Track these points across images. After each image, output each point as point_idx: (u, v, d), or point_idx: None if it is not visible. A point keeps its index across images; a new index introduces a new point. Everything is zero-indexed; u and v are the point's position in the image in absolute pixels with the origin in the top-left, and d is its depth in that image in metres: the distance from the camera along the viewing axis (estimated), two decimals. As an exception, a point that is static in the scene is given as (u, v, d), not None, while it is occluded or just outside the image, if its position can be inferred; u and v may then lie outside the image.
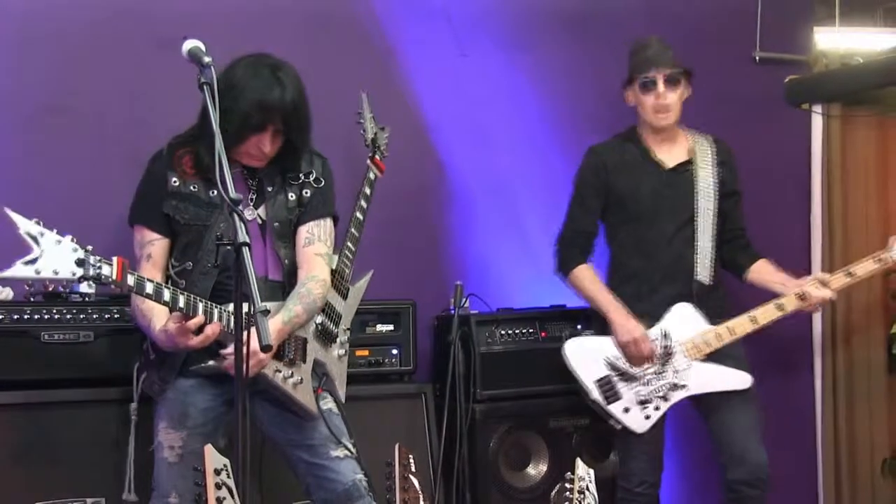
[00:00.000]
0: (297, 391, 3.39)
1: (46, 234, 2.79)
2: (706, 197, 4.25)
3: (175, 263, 3.38)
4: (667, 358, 4.16)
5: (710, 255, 4.23)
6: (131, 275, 2.95)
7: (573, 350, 4.23)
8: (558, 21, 4.96)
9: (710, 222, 4.25)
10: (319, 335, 3.53)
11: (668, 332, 4.16)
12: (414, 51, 4.60)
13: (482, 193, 4.85)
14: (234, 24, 4.20)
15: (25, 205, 3.88)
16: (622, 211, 4.28)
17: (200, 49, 2.94)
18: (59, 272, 2.79)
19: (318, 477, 3.45)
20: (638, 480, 4.20)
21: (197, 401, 3.34)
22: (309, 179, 3.49)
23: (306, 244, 3.48)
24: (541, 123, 4.92)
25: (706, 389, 4.15)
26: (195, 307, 3.11)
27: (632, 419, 4.15)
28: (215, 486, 2.80)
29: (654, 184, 4.25)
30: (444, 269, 4.72)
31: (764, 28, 5.22)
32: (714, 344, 4.16)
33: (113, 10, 4.16)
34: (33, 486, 3.59)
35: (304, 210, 3.49)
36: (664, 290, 4.20)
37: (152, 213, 3.38)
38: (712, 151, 4.33)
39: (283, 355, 3.36)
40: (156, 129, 3.60)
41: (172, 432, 3.34)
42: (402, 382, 4.34)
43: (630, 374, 4.16)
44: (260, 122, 3.26)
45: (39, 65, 4.06)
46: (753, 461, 4.06)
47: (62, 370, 3.68)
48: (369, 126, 4.11)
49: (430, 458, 4.22)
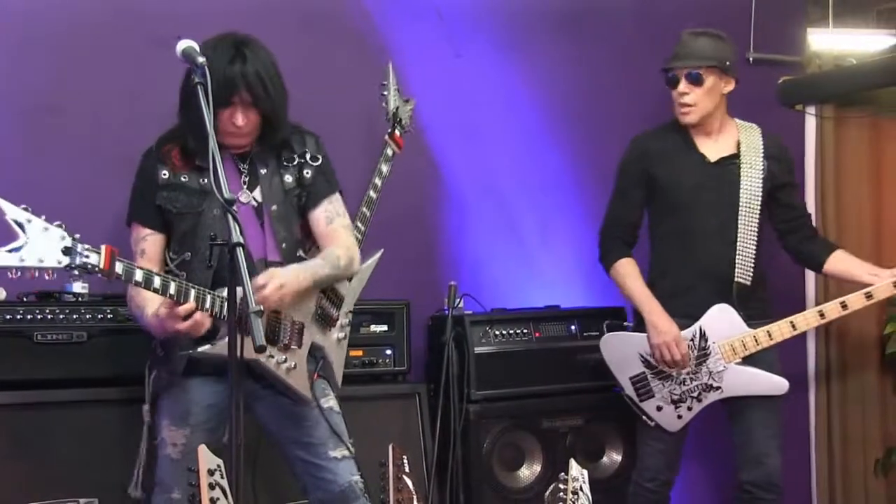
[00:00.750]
0: (290, 376, 3.38)
1: (34, 221, 2.77)
2: (751, 193, 4.15)
3: (173, 256, 3.38)
4: (702, 358, 4.10)
5: (751, 254, 4.12)
6: (120, 262, 2.92)
7: (610, 345, 4.22)
8: (552, 21, 4.96)
9: (753, 220, 4.14)
10: (318, 318, 3.51)
11: (706, 332, 4.10)
12: (408, 50, 4.60)
13: (476, 193, 4.85)
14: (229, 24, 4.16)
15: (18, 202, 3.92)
16: (663, 201, 4.20)
17: (194, 49, 2.96)
18: (44, 260, 2.77)
19: (315, 477, 3.45)
20: (650, 476, 4.20)
21: (200, 398, 3.33)
22: (305, 159, 3.48)
23: (328, 223, 3.48)
24: (535, 123, 4.92)
25: (740, 392, 4.10)
26: (186, 294, 3.08)
27: (664, 417, 4.15)
28: (209, 487, 2.80)
29: (696, 176, 4.16)
30: (439, 269, 4.72)
31: (757, 29, 5.22)
32: (751, 347, 4.09)
33: (109, 9, 4.16)
34: (26, 486, 3.58)
35: (312, 192, 3.47)
36: (701, 287, 4.12)
37: (145, 209, 3.38)
38: (761, 144, 4.21)
39: (278, 340, 3.35)
40: (152, 129, 3.58)
41: (175, 429, 3.33)
42: (395, 383, 4.35)
43: (665, 373, 4.13)
44: (225, 95, 3.21)
45: (36, 64, 4.05)
46: (769, 464, 4.06)
47: (55, 370, 3.67)
48: (392, 98, 4.10)
49: (424, 458, 4.22)
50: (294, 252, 3.44)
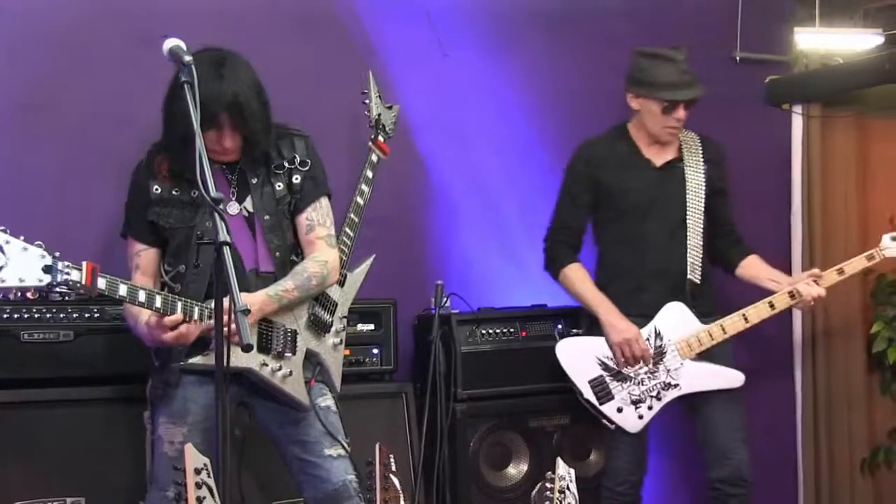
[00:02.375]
0: (285, 384, 3.38)
1: (12, 242, 2.80)
2: (695, 195, 4.25)
3: (168, 268, 3.39)
4: (659, 357, 4.16)
5: (700, 253, 4.23)
6: (102, 278, 2.95)
7: (565, 350, 4.23)
8: (540, 20, 4.96)
9: (699, 220, 4.24)
10: (312, 325, 3.52)
11: (661, 330, 4.17)
12: (395, 51, 4.60)
13: (464, 192, 4.85)
14: (219, 25, 4.18)
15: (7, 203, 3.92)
16: (611, 207, 4.26)
17: (181, 48, 2.95)
18: (24, 280, 2.80)
19: (309, 475, 3.45)
20: (620, 479, 4.22)
21: (197, 397, 3.33)
22: (294, 165, 3.47)
23: (308, 231, 3.48)
24: (523, 122, 4.92)
25: (699, 388, 4.16)
26: (173, 306, 3.12)
27: (625, 419, 4.16)
28: (195, 486, 2.81)
29: (643, 181, 4.24)
30: (425, 268, 4.72)
31: (744, 28, 5.23)
32: (706, 343, 4.17)
33: (100, 8, 4.15)
34: (13, 485, 3.58)
35: (299, 197, 3.47)
36: (654, 287, 4.20)
37: (137, 224, 3.40)
38: (701, 149, 4.32)
39: (271, 348, 3.36)
40: (139, 128, 3.58)
41: (172, 427, 3.33)
42: (382, 382, 4.34)
43: (623, 374, 4.16)
44: (207, 120, 3.16)
45: (25, 63, 4.04)
46: (735, 460, 4.09)
47: (42, 369, 3.67)
48: (374, 105, 4.10)
49: (411, 457, 4.22)
50: (288, 258, 3.45)
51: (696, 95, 4.18)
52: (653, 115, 4.20)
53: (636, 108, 4.25)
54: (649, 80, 4.18)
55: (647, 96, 4.20)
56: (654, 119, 4.21)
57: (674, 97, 4.15)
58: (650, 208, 4.22)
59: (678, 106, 4.17)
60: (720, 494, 4.13)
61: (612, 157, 4.27)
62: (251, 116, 3.27)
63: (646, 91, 4.19)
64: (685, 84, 4.17)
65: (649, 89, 4.18)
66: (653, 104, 4.19)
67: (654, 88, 4.17)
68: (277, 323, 3.38)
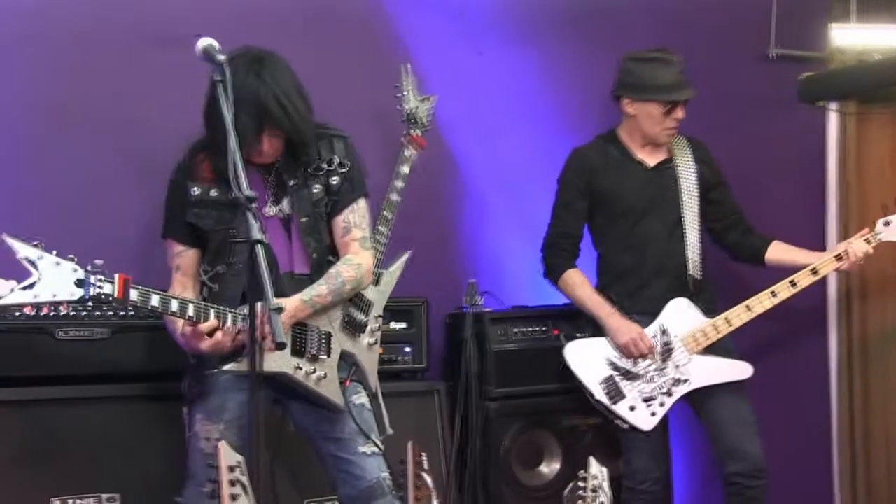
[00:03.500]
0: (320, 386, 3.38)
1: (45, 258, 2.82)
2: (690, 193, 4.33)
3: (207, 269, 3.39)
4: (667, 354, 4.20)
5: (698, 249, 4.30)
6: (134, 289, 2.96)
7: (574, 353, 4.25)
8: (568, 18, 4.94)
9: (696, 217, 4.32)
10: (346, 326, 3.51)
11: (667, 327, 4.21)
12: (426, 48, 4.59)
13: (494, 190, 4.85)
14: (245, 24, 4.19)
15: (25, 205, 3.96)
16: (608, 210, 4.33)
17: (214, 47, 2.95)
18: (57, 295, 2.83)
19: (344, 472, 3.45)
20: (642, 478, 4.23)
21: (233, 394, 3.33)
22: (333, 167, 3.44)
23: (344, 234, 3.46)
24: (553, 120, 4.91)
25: (709, 382, 4.20)
26: (206, 314, 3.12)
27: (638, 417, 4.18)
28: (229, 483, 2.82)
29: (638, 181, 4.32)
30: (457, 266, 4.72)
31: (779, 24, 5.19)
32: (713, 336, 4.22)
33: (119, 8, 4.15)
34: (48, 482, 3.60)
35: (336, 199, 3.45)
36: (656, 285, 4.27)
37: (177, 226, 3.40)
38: (689, 150, 4.40)
39: (304, 351, 3.35)
40: (158, 129, 3.60)
41: (209, 424, 3.34)
42: (414, 380, 4.35)
43: (633, 373, 4.19)
44: (247, 124, 3.17)
45: (39, 65, 4.05)
46: (750, 454, 4.12)
47: (77, 367, 3.68)
48: (411, 98, 4.10)
49: (443, 456, 4.23)
50: (324, 260, 3.44)
51: (693, 95, 4.27)
52: (652, 118, 4.27)
53: (632, 113, 4.32)
54: (650, 84, 4.25)
55: (647, 99, 4.26)
56: (654, 121, 4.27)
57: (676, 98, 4.23)
58: (647, 208, 4.30)
59: (678, 107, 4.24)
60: (739, 488, 4.14)
61: (604, 162, 4.35)
62: (292, 119, 3.25)
63: (646, 94, 4.25)
64: (683, 85, 4.25)
65: (650, 92, 4.25)
66: (653, 107, 4.26)
67: (656, 91, 4.24)
68: (311, 325, 3.38)
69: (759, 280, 4.43)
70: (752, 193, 4.66)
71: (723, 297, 4.38)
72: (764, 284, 4.32)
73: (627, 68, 4.31)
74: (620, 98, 4.33)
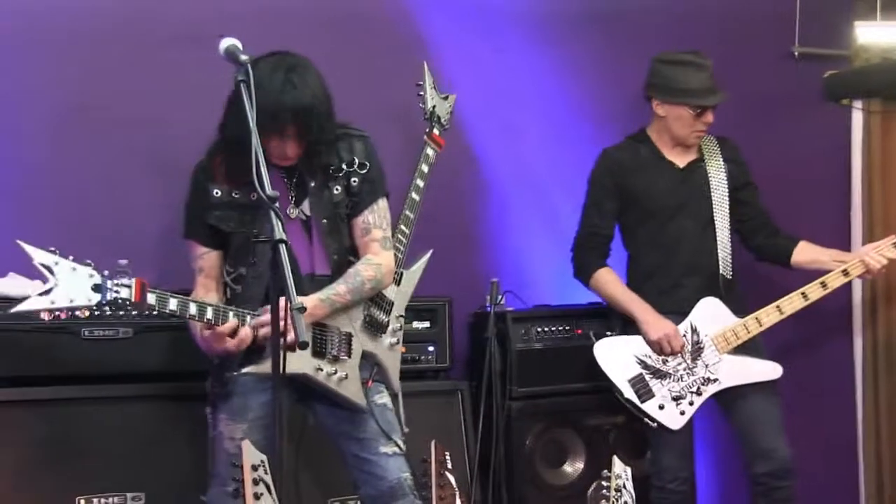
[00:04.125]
0: (341, 387, 3.38)
1: (61, 263, 2.83)
2: (720, 193, 4.34)
3: (230, 269, 3.40)
4: (697, 353, 4.20)
5: (729, 248, 4.31)
6: (152, 293, 2.98)
7: (603, 351, 4.24)
8: (591, 17, 4.93)
9: (726, 217, 4.33)
10: (367, 326, 3.51)
11: (697, 326, 4.21)
12: (446, 46, 4.59)
13: (517, 189, 4.85)
14: (266, 23, 4.20)
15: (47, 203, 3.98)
16: (639, 209, 4.34)
17: (237, 47, 2.96)
18: (74, 300, 2.84)
19: (365, 472, 3.45)
20: (671, 476, 4.23)
21: (256, 394, 3.33)
22: (353, 168, 3.44)
23: (364, 234, 3.46)
24: (574, 118, 4.91)
25: (738, 381, 4.20)
26: (224, 316, 3.13)
27: (667, 416, 4.17)
28: (253, 482, 2.83)
29: (669, 181, 4.33)
30: (480, 265, 4.72)
31: (803, 23, 5.17)
32: (742, 336, 4.22)
33: (141, 8, 4.17)
34: (73, 481, 3.62)
35: (356, 200, 3.45)
36: (687, 284, 4.27)
37: (198, 227, 3.40)
38: (718, 149, 4.40)
39: (325, 352, 3.35)
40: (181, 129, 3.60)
41: (233, 424, 3.34)
42: (438, 379, 4.35)
43: (662, 371, 4.19)
44: (274, 128, 3.19)
45: (65, 65, 4.07)
46: (779, 455, 4.12)
47: (102, 366, 3.71)
48: (429, 97, 4.10)
49: (467, 455, 4.22)
50: (345, 261, 3.44)
51: (724, 100, 4.28)
52: (682, 121, 4.28)
53: (662, 114, 4.32)
54: (680, 87, 4.26)
55: (677, 103, 4.26)
56: (684, 124, 4.28)
57: (706, 103, 4.24)
58: (678, 208, 4.31)
59: (707, 111, 4.25)
60: (766, 489, 4.14)
61: (635, 162, 4.36)
62: (318, 126, 3.25)
63: (677, 98, 4.26)
64: (713, 89, 4.27)
65: (681, 96, 4.26)
66: (683, 110, 4.26)
67: (687, 95, 4.25)
68: (332, 326, 3.38)
69: (789, 280, 4.42)
70: (777, 192, 4.64)
71: (753, 297, 4.36)
72: (795, 285, 4.30)
73: (658, 70, 4.32)
74: (651, 98, 4.34)
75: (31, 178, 4.02)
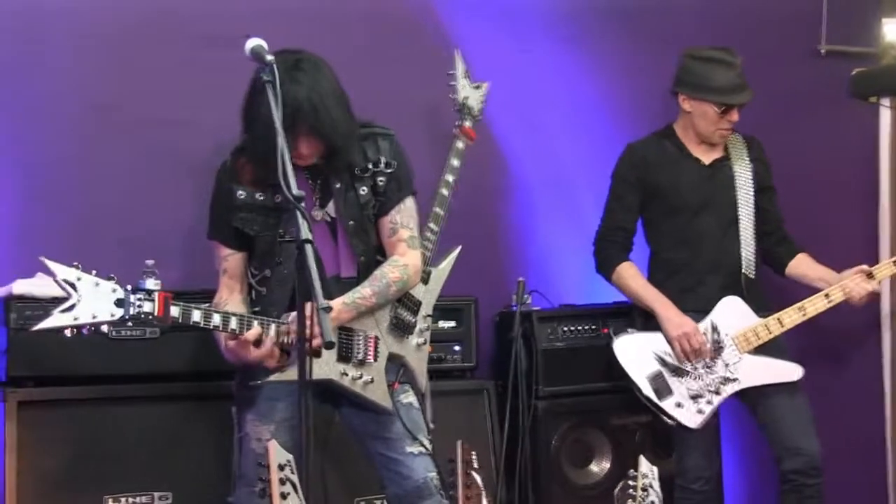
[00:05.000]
0: (367, 390, 3.37)
1: (84, 279, 2.83)
2: (745, 191, 4.32)
3: (254, 272, 3.38)
4: (717, 351, 4.18)
5: (753, 248, 4.29)
6: (175, 306, 2.98)
7: (623, 347, 4.23)
8: (618, 15, 4.92)
9: (751, 216, 4.32)
10: (394, 328, 3.48)
11: (717, 325, 4.20)
12: (472, 44, 4.59)
13: (543, 188, 4.85)
14: (290, 22, 4.21)
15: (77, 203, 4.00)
16: (663, 205, 4.32)
17: (263, 47, 2.95)
18: (97, 315, 2.84)
19: (392, 471, 3.44)
20: (694, 476, 4.21)
21: (282, 395, 3.31)
22: (379, 167, 3.39)
23: (391, 234, 3.43)
24: (601, 117, 4.90)
25: (757, 382, 4.18)
26: (249, 325, 3.12)
27: (684, 414, 4.16)
28: (279, 482, 2.84)
29: (694, 178, 4.31)
30: (506, 264, 4.72)
31: (830, 20, 5.14)
32: (764, 336, 4.20)
33: (166, 8, 4.19)
34: (102, 480, 3.65)
35: (383, 200, 3.41)
36: (710, 282, 4.26)
37: (223, 229, 3.38)
38: (745, 149, 4.38)
39: (351, 357, 3.34)
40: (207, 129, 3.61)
41: (260, 425, 3.33)
42: (463, 379, 4.35)
43: (681, 369, 4.18)
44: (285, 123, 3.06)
45: (92, 64, 4.09)
46: (807, 451, 4.10)
47: (129, 366, 3.72)
48: (461, 86, 4.09)
49: (493, 454, 4.22)
50: (372, 260, 3.41)
51: (750, 99, 4.25)
52: (707, 118, 4.25)
53: (688, 110, 4.30)
54: (707, 84, 4.23)
55: (703, 99, 4.24)
56: (708, 121, 4.26)
57: (731, 101, 4.22)
58: (702, 205, 4.29)
59: (733, 109, 4.23)
60: (795, 486, 4.12)
61: (660, 157, 4.34)
62: (328, 121, 3.19)
63: (703, 94, 4.24)
64: (741, 88, 4.24)
65: (707, 93, 4.23)
66: (709, 107, 4.24)
67: (712, 92, 4.22)
68: (357, 330, 3.36)
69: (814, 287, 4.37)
70: (803, 191, 4.63)
71: (775, 297, 4.35)
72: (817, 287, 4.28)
73: (687, 65, 4.29)
74: (677, 93, 4.32)
75: (57, 178, 4.06)
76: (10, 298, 3.63)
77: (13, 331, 3.61)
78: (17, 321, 3.60)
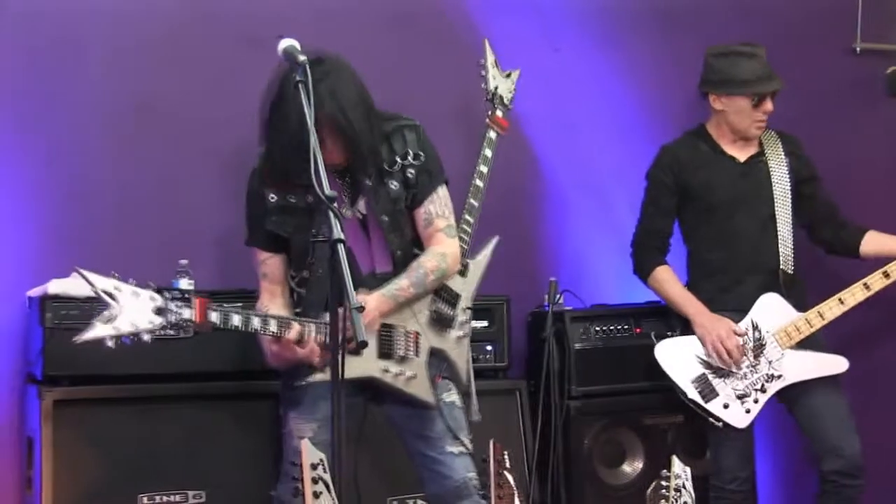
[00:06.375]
0: (409, 386, 3.38)
1: (123, 289, 2.83)
2: (782, 187, 4.30)
3: (293, 274, 3.39)
4: (759, 349, 4.16)
5: (790, 244, 4.26)
6: (214, 311, 2.99)
7: (665, 352, 4.22)
8: (650, 14, 4.91)
9: (788, 212, 4.28)
10: (434, 322, 3.49)
11: (758, 323, 4.18)
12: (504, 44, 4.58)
13: (576, 188, 4.84)
14: (321, 22, 4.23)
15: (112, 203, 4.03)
16: (699, 206, 4.31)
17: (296, 48, 2.95)
18: (137, 325, 2.84)
19: (431, 470, 3.45)
20: (730, 477, 4.19)
21: (326, 393, 3.28)
22: (407, 160, 3.38)
23: (426, 225, 3.42)
24: (632, 117, 4.89)
25: (803, 377, 4.16)
26: (288, 328, 3.12)
27: (732, 415, 4.13)
28: (312, 481, 2.85)
29: (729, 176, 4.29)
30: (538, 264, 4.72)
31: (865, 18, 5.10)
32: (805, 331, 4.18)
33: (200, 9, 4.22)
34: (137, 478, 3.67)
35: (416, 192, 3.40)
36: (749, 280, 4.24)
37: (258, 234, 3.39)
38: (780, 144, 4.35)
39: (392, 353, 3.35)
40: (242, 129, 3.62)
41: (302, 423, 3.34)
42: (496, 379, 4.34)
43: (725, 370, 4.15)
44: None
45: (127, 65, 4.12)
46: (849, 451, 4.06)
47: (163, 365, 3.73)
48: (491, 76, 4.08)
49: (525, 454, 4.22)
50: (410, 253, 3.41)
51: (781, 87, 4.23)
52: (742, 112, 4.24)
53: (720, 109, 4.28)
54: (735, 79, 4.22)
55: (735, 94, 4.22)
56: (744, 115, 4.24)
57: (765, 89, 4.20)
58: (739, 203, 4.27)
59: (766, 99, 4.20)
60: (835, 486, 4.08)
61: (694, 157, 4.32)
62: (349, 119, 3.18)
63: (733, 89, 4.23)
64: (769, 76, 4.22)
65: (737, 87, 4.22)
66: (741, 101, 4.22)
67: (742, 85, 4.21)
68: (397, 326, 3.37)
69: (851, 272, 4.37)
70: (839, 191, 4.59)
71: (815, 290, 4.32)
72: (857, 276, 4.26)
73: (711, 64, 4.28)
74: (707, 94, 4.30)
75: (93, 178, 4.08)
76: (46, 298, 3.65)
77: (49, 330, 3.63)
78: (53, 320, 3.62)
